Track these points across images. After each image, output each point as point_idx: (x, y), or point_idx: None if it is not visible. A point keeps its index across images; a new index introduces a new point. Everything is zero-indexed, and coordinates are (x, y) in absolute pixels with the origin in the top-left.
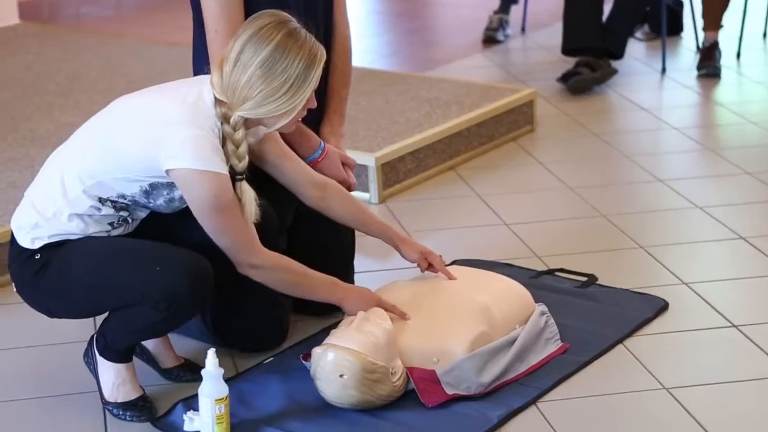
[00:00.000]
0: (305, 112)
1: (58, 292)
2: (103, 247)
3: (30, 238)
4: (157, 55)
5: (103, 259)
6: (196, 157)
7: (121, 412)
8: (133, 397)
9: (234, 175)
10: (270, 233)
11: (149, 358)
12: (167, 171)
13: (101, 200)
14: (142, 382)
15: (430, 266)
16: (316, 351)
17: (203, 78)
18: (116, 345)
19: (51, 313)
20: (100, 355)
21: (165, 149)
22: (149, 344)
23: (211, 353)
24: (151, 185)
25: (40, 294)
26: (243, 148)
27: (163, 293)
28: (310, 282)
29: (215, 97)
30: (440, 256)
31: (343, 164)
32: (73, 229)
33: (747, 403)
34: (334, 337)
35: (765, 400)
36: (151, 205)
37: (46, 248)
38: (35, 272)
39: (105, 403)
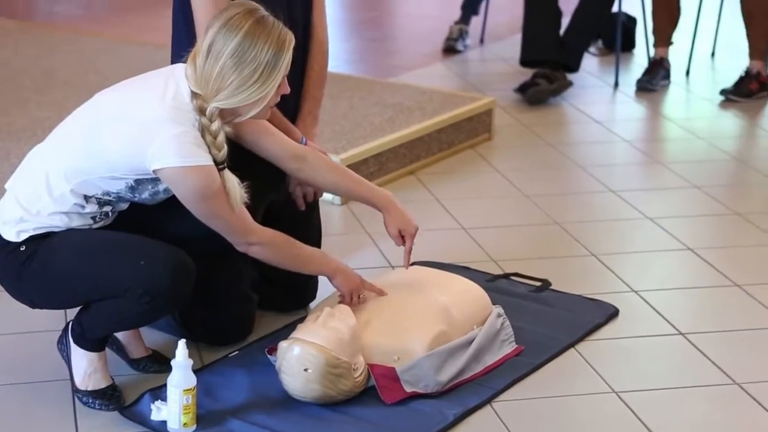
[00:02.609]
0: (278, 99)
1: (43, 284)
2: (89, 240)
3: (15, 231)
4: (130, 54)
5: (88, 251)
6: (180, 154)
7: (90, 400)
8: (103, 386)
9: (215, 165)
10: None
11: (119, 348)
12: (154, 170)
13: (86, 198)
14: (111, 372)
15: (403, 243)
16: (282, 345)
17: (177, 68)
18: (92, 334)
19: (34, 304)
20: (75, 342)
21: (150, 149)
22: (120, 334)
23: (182, 344)
24: (136, 181)
25: (25, 285)
26: (221, 138)
27: (147, 287)
28: (306, 254)
29: (191, 90)
30: (413, 237)
31: None
32: (57, 223)
33: (693, 408)
34: (300, 332)
35: (710, 406)
36: (136, 198)
37: (32, 240)
38: (21, 263)
39: (75, 390)
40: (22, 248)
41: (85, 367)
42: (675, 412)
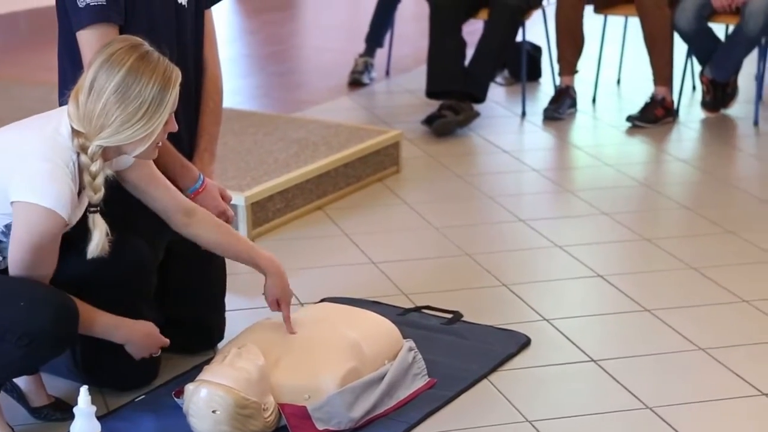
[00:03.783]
0: (165, 136)
1: None
2: None
3: None
4: (23, 95)
5: None
6: (41, 191)
7: None
8: None
9: (89, 207)
10: (146, 270)
11: (20, 396)
12: (11, 203)
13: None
14: (11, 421)
15: (279, 309)
16: (189, 387)
17: (63, 109)
18: None
19: None
20: None
21: (14, 179)
22: (20, 382)
23: (84, 390)
24: (6, 226)
25: None
26: (99, 180)
27: (26, 328)
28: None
29: (72, 128)
30: (289, 305)
31: (222, 197)
32: None
33: None
34: (207, 374)
35: (623, 431)
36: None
37: None
38: None
39: None
40: None
41: None
42: None
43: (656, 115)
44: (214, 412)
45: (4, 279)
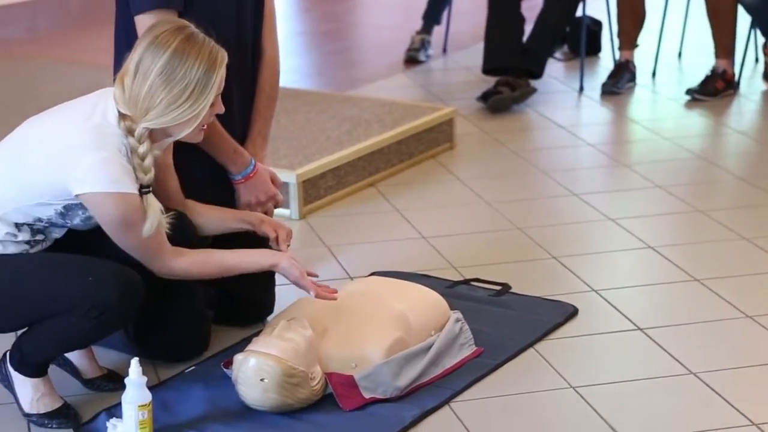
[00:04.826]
0: (212, 118)
1: None
2: (30, 261)
3: None
4: (75, 76)
5: (31, 271)
6: (103, 180)
7: (46, 421)
8: (56, 406)
9: (141, 187)
10: (204, 244)
11: (72, 370)
12: (77, 195)
13: (18, 226)
14: (64, 392)
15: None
16: (238, 357)
17: (107, 91)
18: (34, 358)
19: None
20: (16, 370)
21: (72, 175)
22: (72, 356)
23: (135, 362)
24: (65, 207)
25: None
26: (148, 161)
27: (95, 302)
28: (234, 259)
29: (119, 112)
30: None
31: (272, 182)
32: None
33: (650, 399)
34: (256, 344)
35: (668, 396)
36: (69, 224)
37: None
38: None
39: (26, 415)
40: None
41: (31, 394)
42: (632, 405)
43: (716, 88)
44: (262, 380)
45: (66, 257)
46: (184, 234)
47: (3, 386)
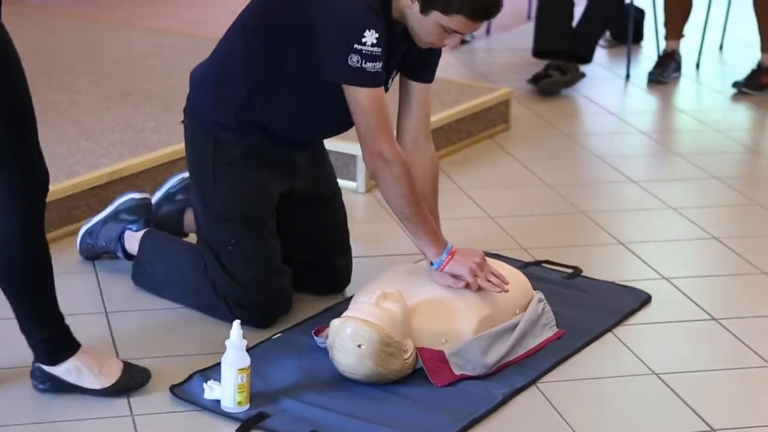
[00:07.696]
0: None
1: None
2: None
3: None
4: (134, 39)
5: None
6: None
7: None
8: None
9: None
10: None
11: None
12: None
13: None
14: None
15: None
16: (335, 323)
17: None
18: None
19: None
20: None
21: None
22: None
23: (236, 324)
24: None
25: None
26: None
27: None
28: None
29: None
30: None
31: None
32: None
33: (731, 388)
34: (354, 311)
35: (749, 387)
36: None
37: None
38: None
39: (103, 392)
40: None
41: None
42: (715, 393)
43: (762, 83)
44: (359, 346)
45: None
46: None
47: (45, 389)
